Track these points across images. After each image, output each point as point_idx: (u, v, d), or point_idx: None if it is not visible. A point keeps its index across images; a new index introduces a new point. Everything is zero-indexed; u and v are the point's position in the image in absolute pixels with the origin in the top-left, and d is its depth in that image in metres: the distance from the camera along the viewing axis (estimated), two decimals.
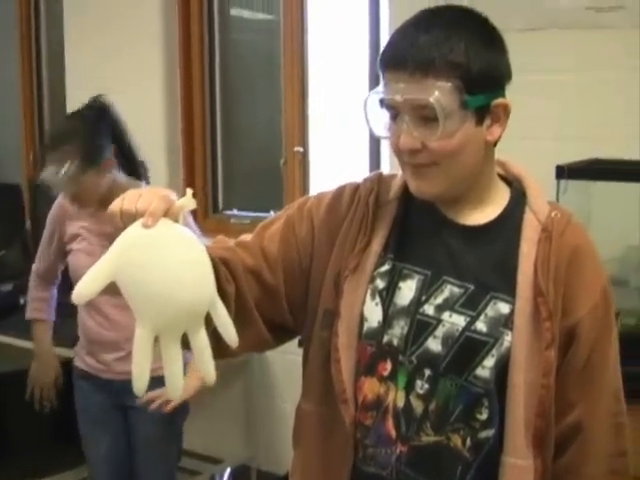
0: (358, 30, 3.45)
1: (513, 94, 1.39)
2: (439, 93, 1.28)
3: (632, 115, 2.79)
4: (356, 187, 1.48)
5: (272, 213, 2.41)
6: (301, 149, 3.68)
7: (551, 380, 1.35)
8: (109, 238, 2.21)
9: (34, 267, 2.84)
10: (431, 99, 1.28)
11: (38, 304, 2.85)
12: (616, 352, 1.43)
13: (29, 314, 2.86)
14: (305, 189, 3.70)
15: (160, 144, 3.89)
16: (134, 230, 1.21)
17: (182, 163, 3.94)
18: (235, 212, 3.95)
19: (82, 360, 2.74)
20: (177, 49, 3.88)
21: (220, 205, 4.04)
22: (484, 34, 1.34)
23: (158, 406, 2.50)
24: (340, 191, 1.50)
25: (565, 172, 2.52)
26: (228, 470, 1.67)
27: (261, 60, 3.95)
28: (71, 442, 3.12)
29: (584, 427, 1.39)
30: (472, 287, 1.38)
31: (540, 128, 2.90)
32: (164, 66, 3.88)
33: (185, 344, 1.23)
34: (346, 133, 3.65)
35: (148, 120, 3.81)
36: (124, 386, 2.59)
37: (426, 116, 1.30)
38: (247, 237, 1.49)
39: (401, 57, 1.30)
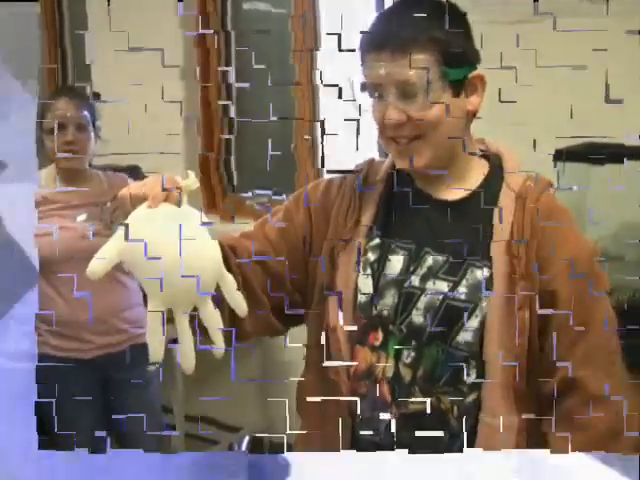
0: (369, 22, 3.49)
1: (508, 84, 1.46)
2: (420, 66, 1.36)
3: (623, 102, 2.87)
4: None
5: (284, 197, 2.51)
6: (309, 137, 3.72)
7: (524, 340, 1.40)
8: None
9: None
10: (411, 72, 1.36)
11: None
12: (605, 313, 1.44)
13: None
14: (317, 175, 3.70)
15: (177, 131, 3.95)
16: (140, 210, 1.28)
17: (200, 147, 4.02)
18: (250, 194, 3.98)
19: (50, 346, 2.64)
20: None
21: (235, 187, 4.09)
22: (459, 15, 1.44)
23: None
24: (333, 177, 1.60)
25: (563, 155, 2.64)
26: (247, 438, 1.73)
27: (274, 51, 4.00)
28: None
29: (578, 384, 1.41)
30: (452, 257, 1.45)
31: (534, 116, 2.98)
32: (183, 62, 3.94)
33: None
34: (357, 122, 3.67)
35: (167, 109, 3.89)
36: (108, 359, 2.63)
37: (409, 88, 1.38)
38: (249, 229, 1.59)
39: (382, 37, 1.39)
